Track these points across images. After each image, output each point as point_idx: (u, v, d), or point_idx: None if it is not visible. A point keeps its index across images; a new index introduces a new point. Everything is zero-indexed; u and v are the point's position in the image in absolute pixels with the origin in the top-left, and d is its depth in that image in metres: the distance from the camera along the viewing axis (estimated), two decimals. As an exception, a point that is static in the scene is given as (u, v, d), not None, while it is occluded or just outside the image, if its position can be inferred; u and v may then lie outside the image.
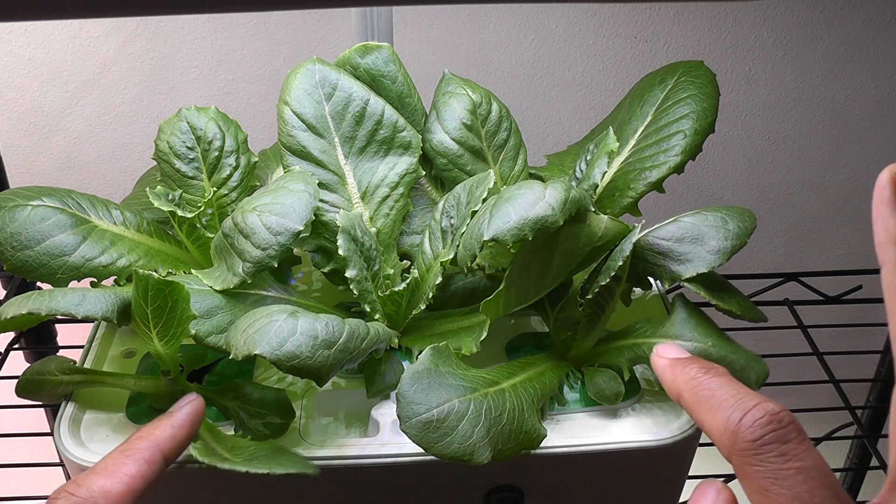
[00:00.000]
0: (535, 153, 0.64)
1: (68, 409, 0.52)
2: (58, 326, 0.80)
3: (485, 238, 0.45)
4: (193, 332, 0.48)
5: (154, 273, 0.44)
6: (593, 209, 0.49)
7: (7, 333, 0.74)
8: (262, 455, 0.47)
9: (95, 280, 0.53)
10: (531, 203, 0.46)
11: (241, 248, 0.50)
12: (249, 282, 0.50)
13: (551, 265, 0.50)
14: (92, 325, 0.60)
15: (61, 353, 0.75)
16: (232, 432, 0.51)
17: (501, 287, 0.49)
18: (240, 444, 0.48)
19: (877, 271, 0.91)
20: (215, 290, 0.50)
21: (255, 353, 0.43)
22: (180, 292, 0.45)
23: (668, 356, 0.40)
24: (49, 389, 0.51)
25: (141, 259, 0.54)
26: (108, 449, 0.50)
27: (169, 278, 0.45)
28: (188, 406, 0.45)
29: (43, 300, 0.46)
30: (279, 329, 0.44)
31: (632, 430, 0.51)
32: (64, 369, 0.51)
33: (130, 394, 0.54)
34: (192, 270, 0.53)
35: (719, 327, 0.51)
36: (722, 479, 0.72)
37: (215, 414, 0.52)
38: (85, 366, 0.55)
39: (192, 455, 0.45)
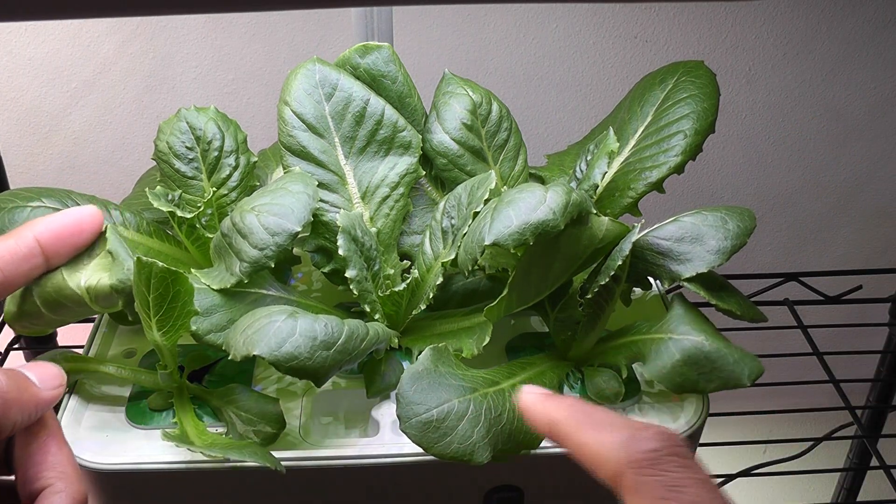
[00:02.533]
0: (535, 153, 0.64)
1: (68, 410, 0.52)
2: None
3: (486, 243, 0.45)
4: (193, 328, 0.48)
5: (158, 262, 0.44)
6: (594, 211, 0.49)
7: (7, 333, 0.74)
8: (227, 445, 0.47)
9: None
10: (532, 207, 0.45)
11: (238, 248, 0.50)
12: (246, 282, 0.50)
13: (552, 268, 0.50)
14: (92, 325, 0.60)
15: (61, 353, 0.75)
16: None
17: (504, 294, 0.49)
18: (218, 441, 0.49)
19: (877, 271, 0.91)
20: (214, 289, 0.50)
21: (254, 353, 0.43)
22: (183, 283, 0.45)
23: (539, 391, 0.40)
24: None
25: (141, 259, 0.54)
26: (108, 449, 0.50)
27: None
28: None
29: None
30: (278, 330, 0.44)
31: (632, 430, 0.51)
32: (67, 358, 0.52)
33: (130, 395, 0.54)
34: (192, 270, 0.53)
35: (715, 326, 0.51)
36: (721, 480, 0.73)
37: (210, 415, 0.52)
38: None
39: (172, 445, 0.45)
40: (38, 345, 0.79)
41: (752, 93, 0.95)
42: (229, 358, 0.45)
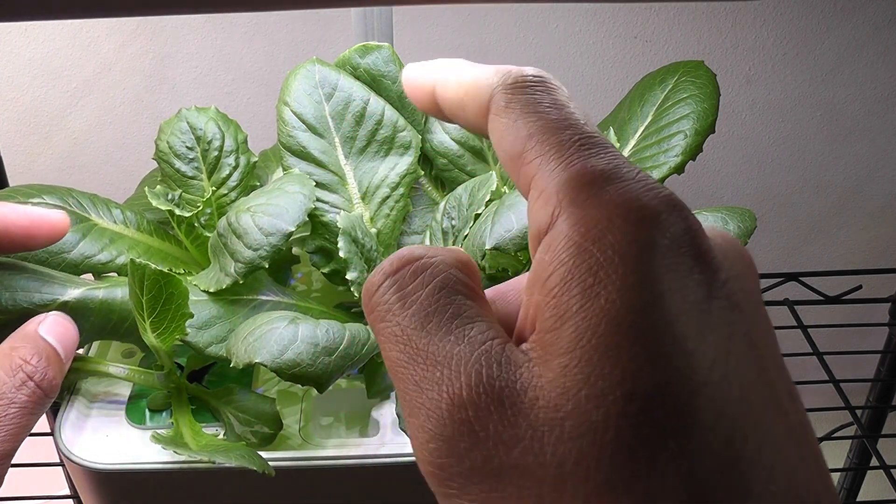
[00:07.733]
0: (536, 153, 0.64)
1: (69, 410, 0.52)
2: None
3: (486, 247, 0.45)
4: (192, 341, 0.48)
5: (151, 264, 0.44)
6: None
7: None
8: (217, 446, 0.47)
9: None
10: (532, 209, 0.45)
11: (233, 249, 0.50)
12: (241, 282, 0.49)
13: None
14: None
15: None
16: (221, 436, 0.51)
17: None
18: (211, 443, 0.48)
19: (877, 271, 0.91)
20: (212, 299, 0.50)
21: (256, 361, 0.43)
22: (177, 286, 0.45)
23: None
24: None
25: (140, 257, 0.54)
26: (108, 449, 0.50)
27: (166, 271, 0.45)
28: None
29: None
30: (280, 337, 0.43)
31: (632, 430, 0.51)
32: None
33: (130, 395, 0.54)
34: (189, 277, 0.53)
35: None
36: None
37: (209, 417, 0.52)
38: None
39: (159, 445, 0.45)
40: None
41: (752, 93, 0.95)
42: (231, 366, 0.45)
